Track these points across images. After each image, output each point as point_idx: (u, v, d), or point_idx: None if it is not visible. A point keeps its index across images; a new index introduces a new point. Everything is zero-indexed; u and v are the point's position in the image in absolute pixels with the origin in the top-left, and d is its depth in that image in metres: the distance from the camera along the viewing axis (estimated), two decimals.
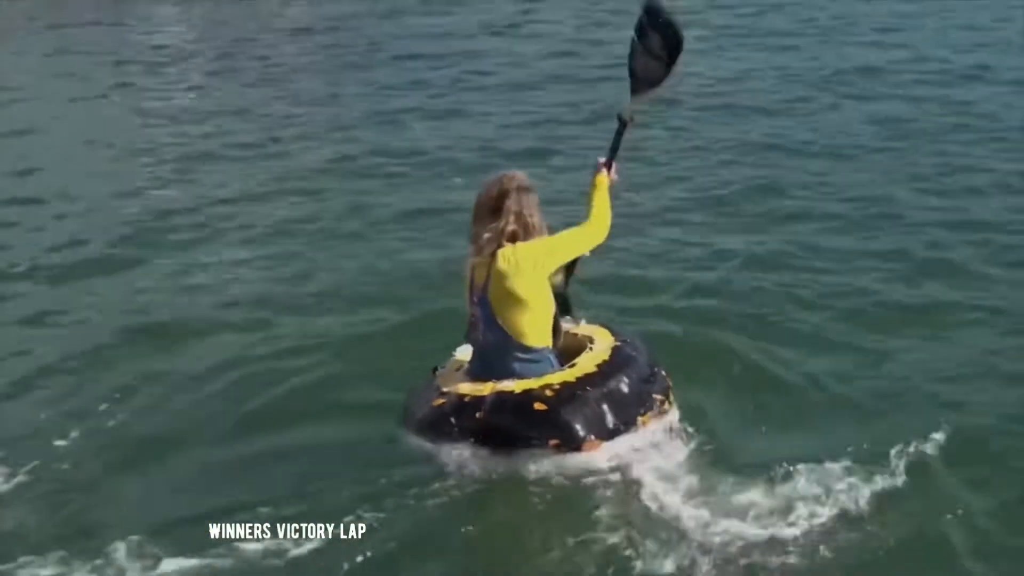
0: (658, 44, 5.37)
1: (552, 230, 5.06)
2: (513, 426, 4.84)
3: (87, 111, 12.82)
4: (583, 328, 5.41)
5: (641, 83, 5.44)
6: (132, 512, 4.84)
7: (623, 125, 5.39)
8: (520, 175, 5.12)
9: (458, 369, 5.21)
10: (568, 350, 5.20)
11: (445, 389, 5.04)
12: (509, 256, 4.97)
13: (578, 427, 4.83)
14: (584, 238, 5.13)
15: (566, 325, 5.31)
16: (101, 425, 5.59)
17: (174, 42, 17.92)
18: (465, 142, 10.97)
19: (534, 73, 13.98)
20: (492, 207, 5.03)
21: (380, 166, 10.28)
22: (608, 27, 16.27)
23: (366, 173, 10.13)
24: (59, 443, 5.39)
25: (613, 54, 12.65)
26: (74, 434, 5.47)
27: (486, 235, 5.01)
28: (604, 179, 5.24)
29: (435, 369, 5.29)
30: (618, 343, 5.22)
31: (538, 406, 4.84)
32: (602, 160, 5.29)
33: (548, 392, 4.86)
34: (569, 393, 4.87)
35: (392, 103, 12.69)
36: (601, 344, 5.21)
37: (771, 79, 12.88)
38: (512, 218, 5.01)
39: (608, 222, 5.17)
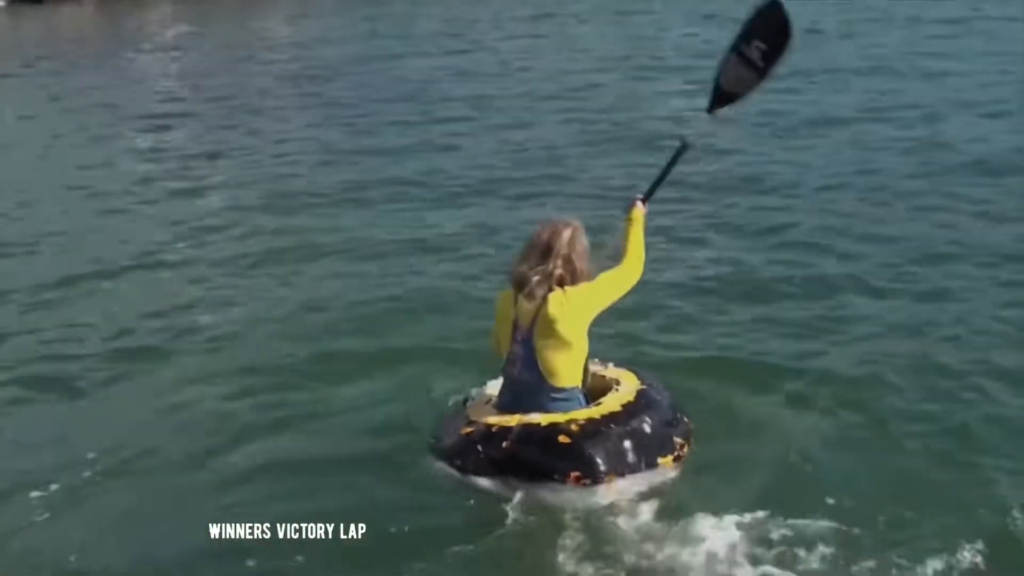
0: (758, 53, 5.46)
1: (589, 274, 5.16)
2: (537, 457, 4.99)
3: (76, 153, 12.72)
4: (611, 371, 5.54)
5: (728, 100, 5.53)
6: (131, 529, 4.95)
7: (684, 149, 5.51)
8: (574, 222, 5.21)
9: (487, 402, 5.33)
10: (595, 390, 5.33)
11: (474, 419, 5.19)
12: (562, 301, 5.10)
13: (599, 462, 4.96)
14: (626, 280, 5.27)
15: (594, 367, 5.44)
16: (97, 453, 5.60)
17: (165, 81, 18.13)
18: (457, 174, 11.07)
19: (526, 110, 14.17)
20: (542, 250, 5.14)
21: (372, 199, 10.37)
22: (602, 72, 16.52)
23: (358, 204, 10.21)
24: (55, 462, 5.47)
25: (606, 95, 13.04)
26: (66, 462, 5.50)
27: (535, 278, 5.11)
28: (640, 214, 5.39)
29: (465, 400, 5.44)
30: (643, 386, 5.35)
31: (562, 439, 5.00)
32: (640, 196, 5.42)
33: (573, 427, 5.02)
34: (593, 429, 5.03)
35: (388, 140, 12.76)
36: (627, 386, 5.35)
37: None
38: (561, 262, 5.11)
39: (643, 259, 5.31)
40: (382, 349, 6.69)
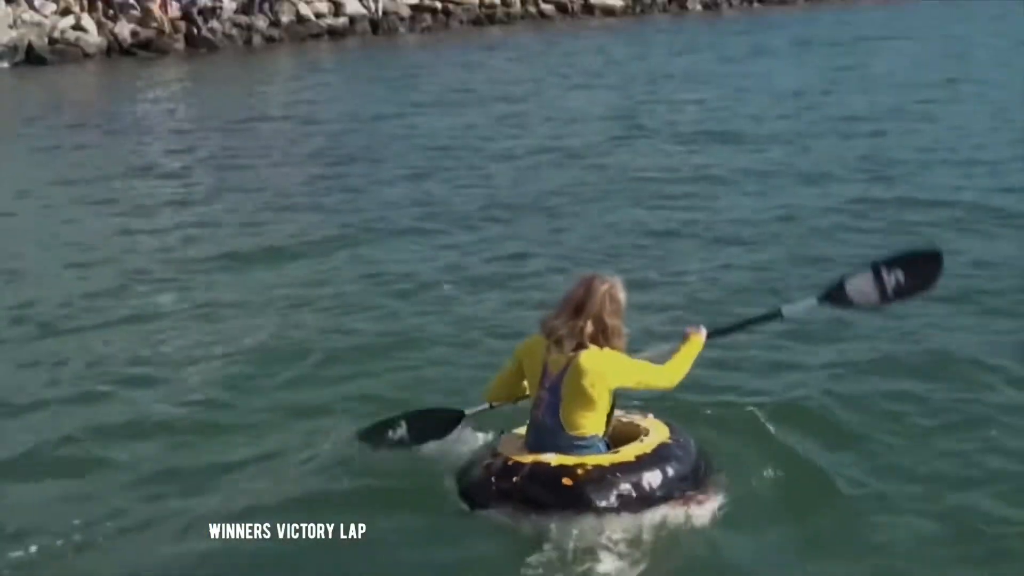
0: (894, 283, 5.76)
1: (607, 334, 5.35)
2: (540, 495, 5.22)
3: (71, 209, 12.90)
4: (646, 421, 5.69)
5: (840, 301, 5.88)
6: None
7: (775, 317, 5.91)
8: (612, 280, 5.40)
9: (519, 437, 5.53)
10: (624, 437, 5.51)
11: (498, 452, 5.46)
12: (595, 359, 5.29)
13: (599, 507, 5.18)
14: (659, 380, 5.50)
15: (632, 415, 5.67)
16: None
17: (162, 138, 18.35)
18: (451, 224, 11.46)
19: (520, 168, 14.46)
20: (576, 305, 5.32)
21: (365, 249, 10.67)
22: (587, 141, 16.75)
23: (352, 254, 10.54)
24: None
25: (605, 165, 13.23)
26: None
27: (564, 331, 5.30)
28: (700, 341, 5.66)
29: (502, 432, 5.68)
30: (667, 440, 5.49)
31: (566, 481, 5.21)
32: (709, 329, 5.71)
33: (579, 471, 5.23)
34: (598, 475, 5.23)
35: (379, 194, 13.06)
36: (652, 438, 5.50)
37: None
38: (592, 321, 5.30)
39: (682, 376, 5.53)
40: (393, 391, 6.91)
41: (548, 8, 40.58)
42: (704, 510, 5.36)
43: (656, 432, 5.56)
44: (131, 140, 17.99)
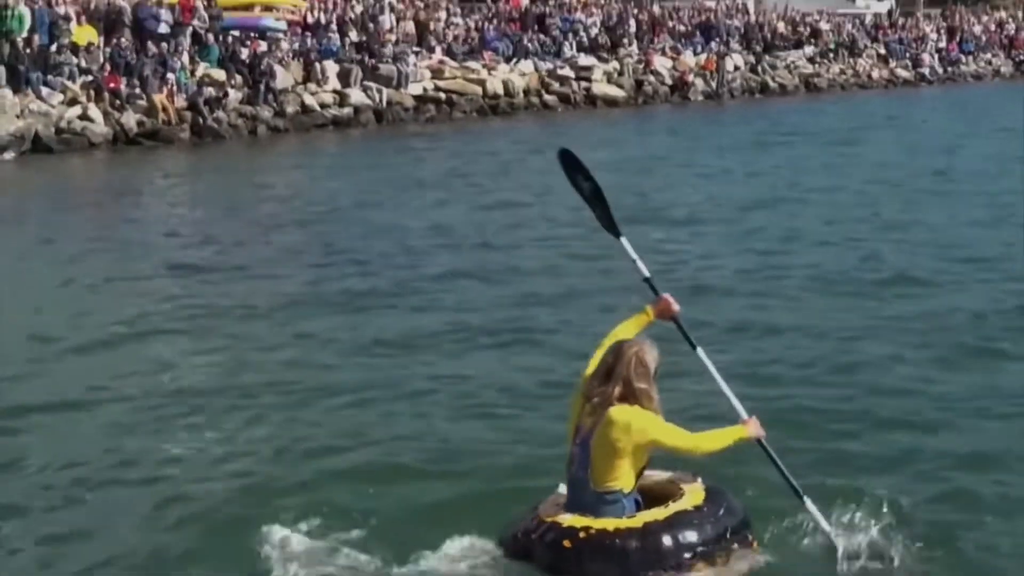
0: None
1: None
2: (544, 554, 5.47)
3: (68, 295, 13.05)
4: (689, 485, 5.79)
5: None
6: None
7: (777, 466, 6.00)
8: (641, 344, 5.66)
9: (554, 500, 5.80)
10: (660, 497, 5.67)
11: (536, 509, 5.74)
12: (622, 413, 5.51)
13: (592, 571, 5.34)
14: (685, 443, 5.64)
15: (676, 475, 5.84)
16: None
17: (165, 226, 18.49)
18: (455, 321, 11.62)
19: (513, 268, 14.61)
20: (606, 370, 5.60)
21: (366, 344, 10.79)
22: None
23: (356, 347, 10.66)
24: None
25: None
26: None
27: (596, 398, 5.58)
28: (743, 432, 5.82)
29: (558, 486, 5.93)
30: (690, 508, 5.58)
31: (566, 543, 5.41)
32: (762, 435, 5.89)
33: (582, 534, 5.40)
34: (599, 541, 5.38)
35: (379, 287, 13.21)
36: (682, 502, 5.60)
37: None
38: (621, 384, 5.53)
39: (714, 451, 5.70)
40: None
41: (551, 99, 40.92)
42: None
43: (688, 497, 5.64)
44: (134, 227, 18.10)
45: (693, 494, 5.68)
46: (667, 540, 5.41)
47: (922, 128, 33.70)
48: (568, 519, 5.48)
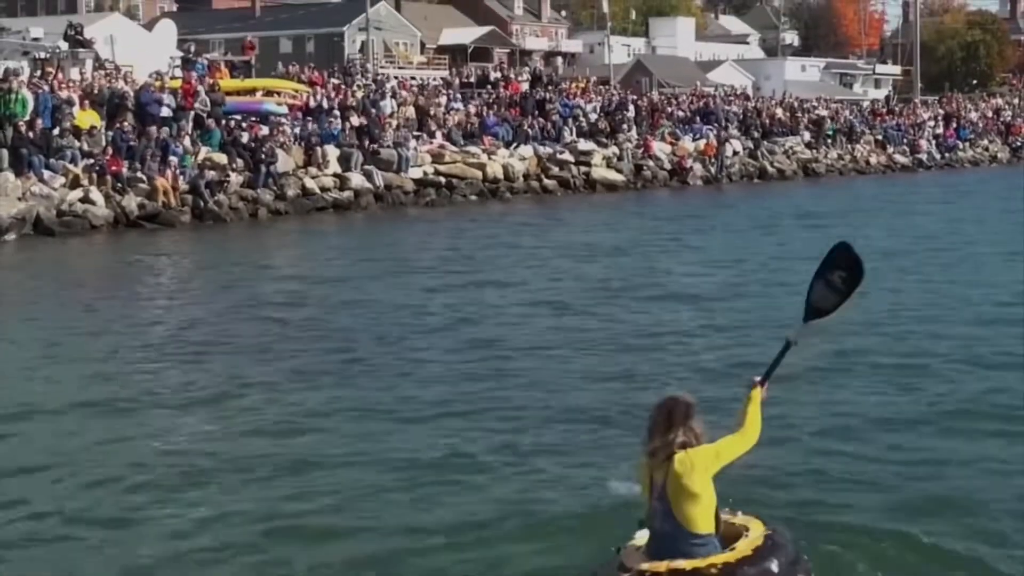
0: (839, 280, 6.74)
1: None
2: None
3: (71, 384, 12.96)
4: (739, 518, 6.48)
5: (814, 312, 6.79)
6: None
7: (788, 347, 6.70)
8: (685, 397, 6.28)
9: (637, 550, 6.26)
10: (728, 536, 6.25)
11: (628, 565, 6.13)
12: (685, 460, 6.06)
13: None
14: (742, 445, 6.26)
15: (725, 516, 6.36)
16: None
17: (162, 312, 18.53)
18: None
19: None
20: (665, 424, 6.13)
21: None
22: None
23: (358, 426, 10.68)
24: None
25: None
26: None
27: (660, 450, 6.09)
28: (759, 394, 6.42)
29: (618, 550, 6.39)
30: (768, 531, 6.32)
31: None
32: (758, 379, 6.47)
33: (713, 570, 5.95)
34: (730, 571, 5.97)
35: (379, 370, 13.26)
36: (755, 532, 6.30)
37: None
38: (681, 431, 6.10)
39: (759, 431, 6.31)
40: None
41: (551, 183, 41.21)
42: None
43: (755, 527, 6.36)
44: (132, 308, 18.14)
45: (753, 524, 6.40)
46: (778, 560, 6.12)
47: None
48: (686, 563, 5.97)
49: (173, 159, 30.97)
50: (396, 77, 51.56)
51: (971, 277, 20.13)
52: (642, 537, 6.36)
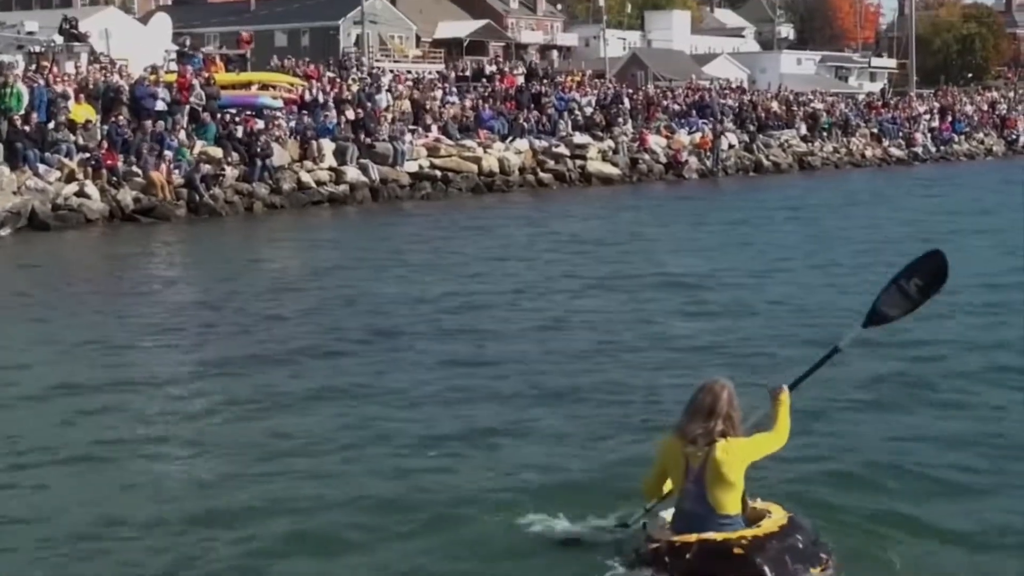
0: (915, 288, 6.88)
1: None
2: (716, 565, 6.29)
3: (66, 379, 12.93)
4: (760, 504, 6.83)
5: (880, 320, 7.01)
6: None
7: (834, 353, 7.00)
8: (725, 382, 6.58)
9: (662, 526, 6.68)
10: (751, 519, 6.61)
11: (657, 537, 6.58)
12: (727, 449, 6.40)
13: (767, 569, 6.27)
14: (775, 443, 6.63)
15: (754, 503, 6.73)
16: None
17: (155, 302, 18.57)
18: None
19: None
20: (708, 410, 6.44)
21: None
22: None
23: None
24: None
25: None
26: None
27: (699, 432, 6.42)
28: (787, 398, 6.74)
29: (644, 525, 6.86)
30: (790, 514, 6.74)
31: (737, 551, 6.32)
32: (786, 385, 6.79)
33: (743, 541, 6.36)
34: (760, 543, 6.37)
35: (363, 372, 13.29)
36: (777, 514, 6.70)
37: None
38: (721, 420, 6.42)
39: (788, 433, 6.66)
40: None
41: (546, 176, 41.24)
42: (831, 570, 6.52)
43: (776, 511, 6.74)
44: (126, 301, 18.16)
45: (774, 508, 6.76)
46: (804, 537, 6.53)
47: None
48: (716, 535, 6.35)
49: (168, 153, 30.99)
50: (391, 71, 51.49)
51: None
52: (667, 514, 6.74)
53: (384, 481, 8.93)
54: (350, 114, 37.58)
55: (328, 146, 35.62)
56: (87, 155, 30.04)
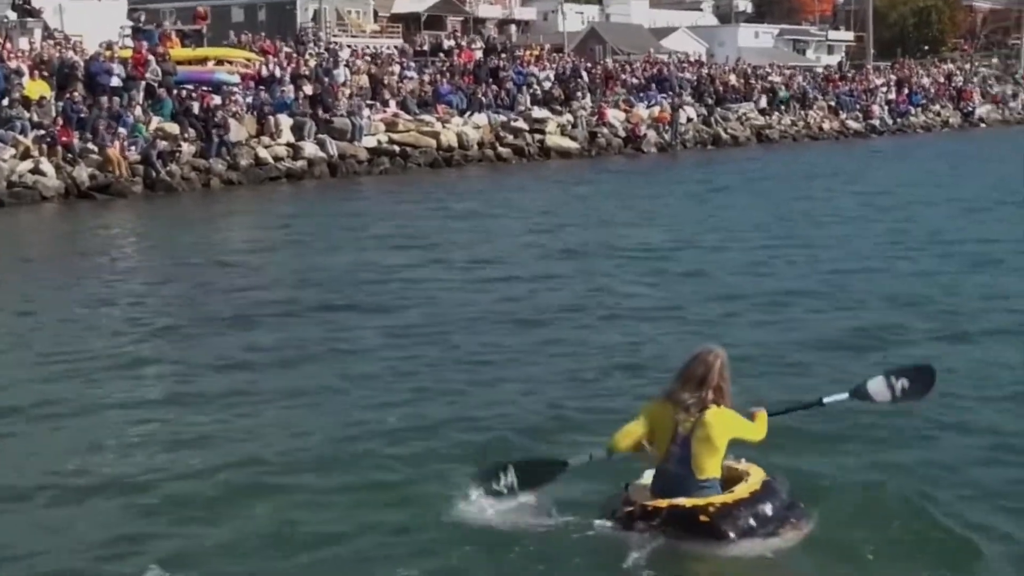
0: (900, 387, 7.47)
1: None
2: (682, 533, 6.65)
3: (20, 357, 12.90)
4: (742, 465, 7.09)
5: (864, 397, 7.57)
6: None
7: (818, 405, 7.54)
8: (722, 353, 6.86)
9: (643, 487, 6.94)
10: (731, 480, 6.90)
11: (633, 499, 6.89)
12: (717, 416, 6.72)
13: (732, 535, 6.62)
14: (756, 434, 6.99)
15: (728, 462, 6.97)
16: None
17: (110, 281, 18.52)
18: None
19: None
20: (700, 378, 6.74)
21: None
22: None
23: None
24: None
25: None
26: None
27: (691, 400, 6.73)
28: (764, 416, 7.07)
29: (626, 485, 7.06)
30: (767, 478, 6.98)
31: (703, 518, 6.64)
32: (767, 409, 7.10)
33: (711, 508, 6.66)
34: (727, 510, 6.67)
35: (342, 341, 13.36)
36: (754, 477, 6.95)
37: None
38: (712, 390, 6.74)
39: (765, 433, 7.02)
40: None
41: (505, 151, 41.26)
42: (801, 532, 6.80)
43: (755, 473, 6.98)
44: (82, 279, 18.09)
45: (755, 471, 7.00)
46: (771, 503, 6.77)
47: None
48: (686, 501, 6.65)
49: (123, 130, 30.82)
50: (349, 46, 51.27)
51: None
52: (648, 476, 6.97)
53: (332, 443, 9.10)
54: (308, 89, 37.45)
55: (285, 122, 35.51)
56: (42, 132, 29.83)
